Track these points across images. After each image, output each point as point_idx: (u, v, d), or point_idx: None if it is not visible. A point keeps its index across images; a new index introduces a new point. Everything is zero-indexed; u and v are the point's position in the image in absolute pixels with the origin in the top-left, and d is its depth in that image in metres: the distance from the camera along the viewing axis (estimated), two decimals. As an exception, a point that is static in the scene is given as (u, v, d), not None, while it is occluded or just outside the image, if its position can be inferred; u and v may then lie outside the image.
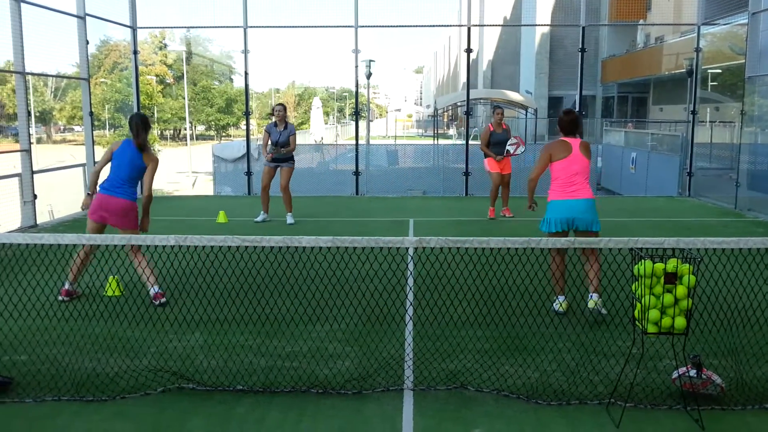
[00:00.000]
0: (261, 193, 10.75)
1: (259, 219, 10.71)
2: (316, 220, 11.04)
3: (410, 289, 5.08)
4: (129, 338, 5.25)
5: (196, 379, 4.46)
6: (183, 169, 37.78)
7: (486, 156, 11.00)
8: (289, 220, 10.62)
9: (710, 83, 27.78)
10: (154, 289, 6.20)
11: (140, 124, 6.34)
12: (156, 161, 6.41)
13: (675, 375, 4.19)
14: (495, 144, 10.91)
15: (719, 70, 26.83)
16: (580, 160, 5.90)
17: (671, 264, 3.88)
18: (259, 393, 4.30)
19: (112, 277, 6.41)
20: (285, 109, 10.49)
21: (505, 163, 11.07)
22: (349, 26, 14.17)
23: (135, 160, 6.29)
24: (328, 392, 4.30)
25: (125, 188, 6.27)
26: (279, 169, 10.53)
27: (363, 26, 14.22)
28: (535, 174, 6.07)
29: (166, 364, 4.71)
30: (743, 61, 12.55)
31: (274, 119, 10.43)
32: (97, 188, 6.37)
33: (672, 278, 3.86)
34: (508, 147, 10.91)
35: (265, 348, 5.06)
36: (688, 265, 3.90)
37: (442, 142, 32.76)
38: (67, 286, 6.21)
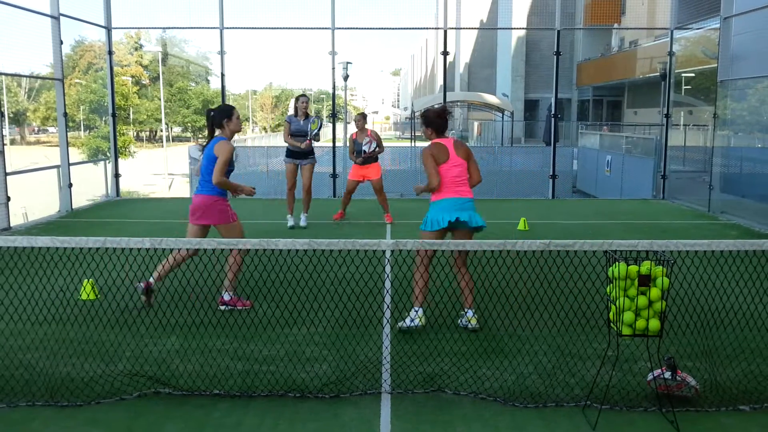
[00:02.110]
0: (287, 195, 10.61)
1: (289, 224, 10.57)
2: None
3: (387, 291, 5.09)
4: (104, 342, 5.20)
5: (172, 383, 4.43)
6: (159, 171, 37.54)
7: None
8: (302, 221, 10.59)
9: (684, 87, 28.09)
10: (228, 294, 6.19)
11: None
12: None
13: (650, 377, 4.23)
14: (357, 152, 10.78)
15: (692, 74, 27.14)
16: (459, 164, 5.83)
17: (645, 266, 3.92)
18: (236, 397, 4.28)
19: (87, 280, 6.35)
20: (308, 100, 10.47)
21: (373, 170, 10.85)
22: (325, 28, 14.16)
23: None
24: (306, 396, 4.29)
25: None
26: (300, 166, 10.44)
27: (340, 28, 14.21)
28: (436, 181, 5.80)
29: (141, 369, 4.67)
30: (716, 65, 12.71)
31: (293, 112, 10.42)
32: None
33: (646, 280, 3.90)
34: (363, 147, 10.81)
35: (241, 352, 5.04)
36: (661, 267, 3.94)
37: (419, 144, 32.77)
38: (151, 279, 6.13)
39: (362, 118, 10.99)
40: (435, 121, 5.94)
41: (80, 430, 3.86)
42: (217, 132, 6.37)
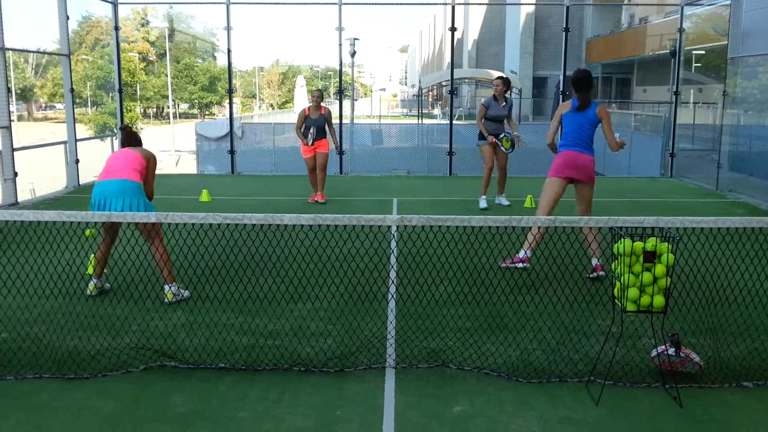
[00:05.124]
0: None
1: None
2: (299, 199, 11.01)
3: (392, 267, 5.10)
4: (111, 316, 5.24)
5: (178, 357, 4.46)
6: (166, 148, 37.55)
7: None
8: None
9: (694, 64, 27.87)
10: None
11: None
12: None
13: (654, 353, 4.24)
14: (308, 128, 10.48)
15: (702, 51, 26.91)
16: (122, 152, 6.00)
17: (650, 243, 3.91)
18: (241, 371, 4.31)
19: (93, 255, 6.37)
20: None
21: (323, 144, 10.60)
22: (332, 3, 14.06)
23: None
24: (310, 370, 4.32)
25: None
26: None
27: (347, 3, 14.11)
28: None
29: (148, 342, 4.71)
30: (726, 42, 12.59)
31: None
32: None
33: (651, 257, 3.89)
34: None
35: (247, 326, 5.06)
36: (667, 244, 3.93)
37: (426, 121, 32.71)
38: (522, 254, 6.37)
39: (320, 95, 10.71)
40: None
41: (87, 401, 3.89)
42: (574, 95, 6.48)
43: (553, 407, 3.86)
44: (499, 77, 10.21)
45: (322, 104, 10.52)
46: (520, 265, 6.25)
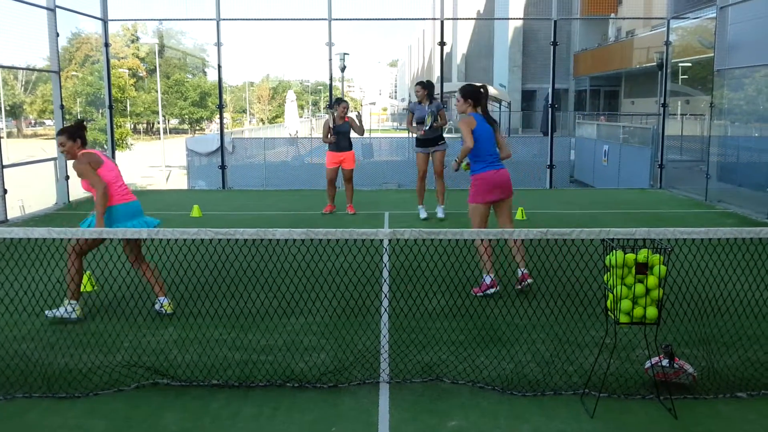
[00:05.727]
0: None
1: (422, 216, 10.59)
2: (291, 213, 10.99)
3: (385, 281, 5.09)
4: (102, 333, 5.19)
5: (171, 374, 4.43)
6: (156, 163, 37.49)
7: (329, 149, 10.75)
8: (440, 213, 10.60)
9: (681, 76, 28.05)
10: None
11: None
12: None
13: (648, 365, 4.24)
14: (336, 135, 10.59)
15: (689, 64, 27.10)
16: (115, 167, 5.93)
17: (642, 254, 3.92)
18: (234, 387, 4.28)
19: (87, 272, 6.34)
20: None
21: (348, 158, 10.77)
22: (322, 19, 14.11)
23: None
24: (304, 386, 4.29)
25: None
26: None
27: (336, 19, 14.17)
28: (101, 193, 5.64)
29: (139, 360, 4.67)
30: (712, 54, 12.69)
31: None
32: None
33: (643, 268, 3.90)
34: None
35: (240, 342, 5.03)
36: (658, 255, 3.94)
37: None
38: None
39: (347, 106, 10.79)
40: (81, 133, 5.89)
41: (79, 420, 3.86)
42: (471, 109, 6.32)
43: (548, 420, 3.85)
44: (419, 83, 10.36)
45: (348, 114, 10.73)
46: (492, 290, 6.14)
